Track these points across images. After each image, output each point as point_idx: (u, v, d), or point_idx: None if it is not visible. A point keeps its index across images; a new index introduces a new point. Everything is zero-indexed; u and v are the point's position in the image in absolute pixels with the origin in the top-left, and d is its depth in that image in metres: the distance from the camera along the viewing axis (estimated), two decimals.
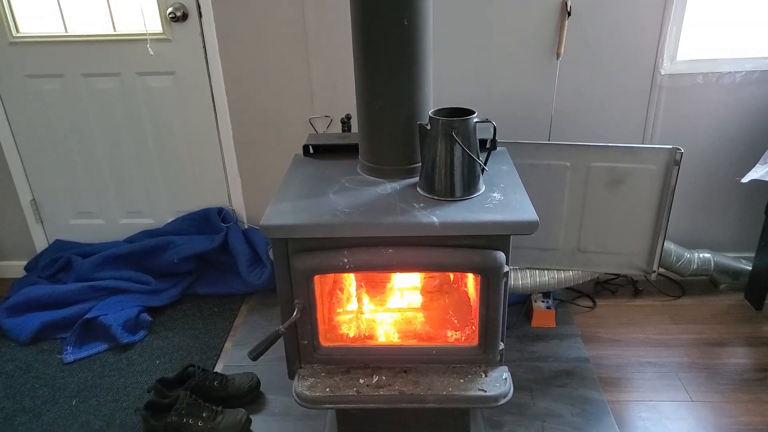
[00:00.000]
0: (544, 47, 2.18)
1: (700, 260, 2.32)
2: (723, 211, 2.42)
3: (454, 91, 2.26)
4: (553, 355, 2.06)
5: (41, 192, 2.63)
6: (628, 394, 1.89)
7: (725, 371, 1.97)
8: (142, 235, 2.61)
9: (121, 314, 2.24)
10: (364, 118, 1.49)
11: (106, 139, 2.52)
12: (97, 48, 2.35)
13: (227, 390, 1.87)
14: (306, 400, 1.43)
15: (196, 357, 2.13)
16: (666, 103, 2.23)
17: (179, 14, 2.26)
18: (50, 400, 1.95)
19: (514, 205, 1.35)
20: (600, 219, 2.01)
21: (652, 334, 2.16)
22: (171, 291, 2.44)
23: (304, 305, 1.39)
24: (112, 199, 2.64)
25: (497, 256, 1.33)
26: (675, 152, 1.86)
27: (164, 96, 2.43)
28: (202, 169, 2.56)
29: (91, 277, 2.42)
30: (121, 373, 2.06)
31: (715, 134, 2.28)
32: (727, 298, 2.36)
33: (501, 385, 1.42)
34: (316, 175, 1.57)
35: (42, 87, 2.43)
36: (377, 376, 1.46)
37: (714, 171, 2.34)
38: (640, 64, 2.19)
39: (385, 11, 1.36)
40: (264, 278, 2.40)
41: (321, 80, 2.31)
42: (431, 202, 1.38)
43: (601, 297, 2.39)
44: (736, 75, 2.17)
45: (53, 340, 2.24)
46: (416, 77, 1.43)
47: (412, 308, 1.66)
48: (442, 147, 1.36)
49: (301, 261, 1.35)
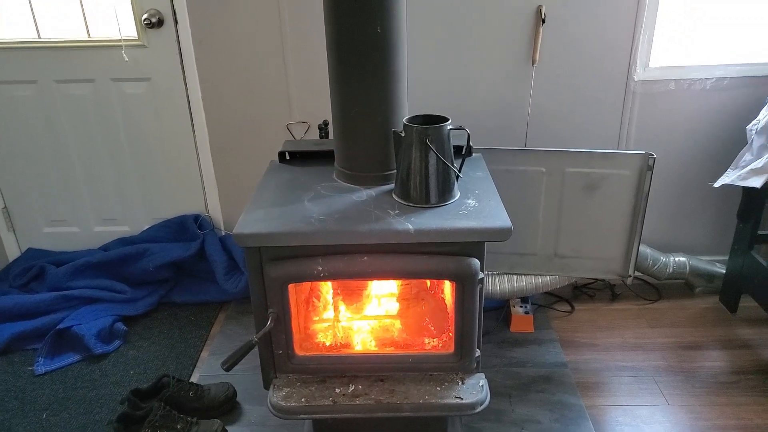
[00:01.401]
0: (520, 54, 2.20)
1: (676, 264, 2.35)
2: (697, 215, 2.45)
3: (429, 99, 2.27)
4: (531, 360, 2.06)
5: (13, 199, 2.58)
6: (605, 398, 1.90)
7: (701, 374, 1.99)
8: (117, 242, 2.57)
9: (95, 324, 2.20)
10: (339, 125, 1.49)
11: (80, 145, 2.48)
12: (71, 54, 2.31)
13: (203, 401, 1.85)
14: (281, 410, 1.41)
15: (171, 367, 2.09)
16: (639, 109, 2.26)
17: (154, 20, 2.23)
18: (19, 414, 1.90)
19: (488, 212, 1.35)
20: (576, 224, 2.03)
21: (629, 338, 2.18)
22: (147, 299, 2.40)
23: (279, 314, 1.37)
24: (86, 207, 2.59)
25: (472, 263, 1.33)
26: (648, 158, 1.88)
27: (140, 102, 2.40)
28: (179, 176, 2.53)
29: (64, 286, 2.38)
30: (95, 384, 2.02)
31: (688, 139, 2.31)
32: (702, 301, 2.39)
33: (477, 393, 1.42)
34: (292, 182, 1.56)
35: (14, 93, 2.39)
36: (353, 385, 1.45)
37: (687, 176, 2.38)
38: (614, 71, 2.21)
39: (358, 19, 1.36)
40: (241, 286, 2.38)
41: (299, 86, 2.30)
42: (406, 209, 1.38)
43: (579, 301, 2.41)
44: (707, 81, 2.20)
45: (24, 352, 2.18)
46: (390, 84, 1.43)
47: (389, 315, 1.65)
48: (416, 154, 1.36)
49: (274, 269, 1.33)
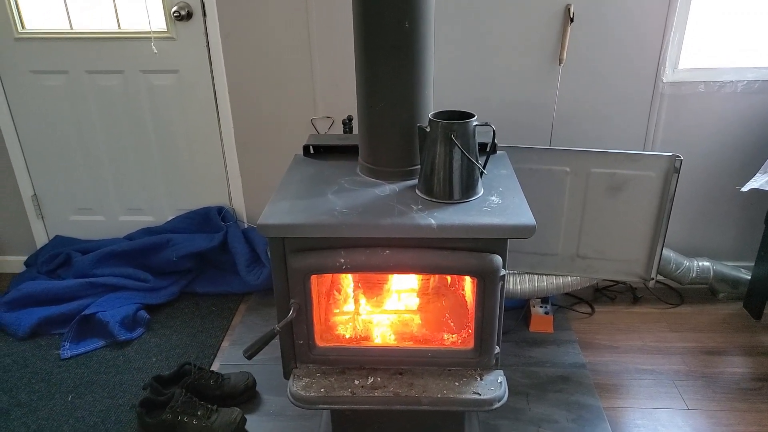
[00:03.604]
0: (547, 53, 2.19)
1: (700, 268, 2.31)
2: (723, 220, 2.41)
3: (454, 95, 2.27)
4: (549, 360, 2.05)
5: (42, 187, 2.64)
6: (624, 400, 1.89)
7: (722, 380, 1.97)
8: (141, 232, 2.62)
9: (119, 311, 2.25)
10: (365, 120, 1.50)
11: (108, 135, 2.53)
12: (101, 45, 2.36)
13: (223, 389, 1.88)
14: (301, 400, 1.43)
15: (192, 355, 2.13)
16: (667, 110, 2.23)
17: (184, 13, 2.27)
18: (46, 396, 1.95)
19: (512, 209, 1.35)
20: (599, 225, 2.01)
21: (649, 342, 2.16)
22: (169, 289, 2.44)
23: (300, 305, 1.39)
24: (112, 196, 2.64)
25: (494, 260, 1.33)
26: (675, 159, 1.86)
27: (167, 94, 2.44)
28: (203, 168, 2.56)
29: (90, 273, 2.43)
30: (118, 369, 2.06)
31: (716, 142, 2.28)
32: (725, 306, 2.36)
33: (496, 389, 1.42)
34: (316, 176, 1.57)
35: (46, 83, 2.44)
36: (372, 378, 1.46)
37: (714, 179, 2.34)
38: (642, 71, 2.19)
39: (386, 14, 1.36)
40: (262, 278, 2.41)
41: (324, 81, 2.32)
42: (429, 204, 1.38)
43: (600, 303, 2.39)
44: (738, 84, 2.17)
45: (51, 336, 2.24)
46: (417, 80, 1.43)
47: (408, 310, 1.66)
48: (441, 150, 1.36)
49: (297, 260, 1.35)
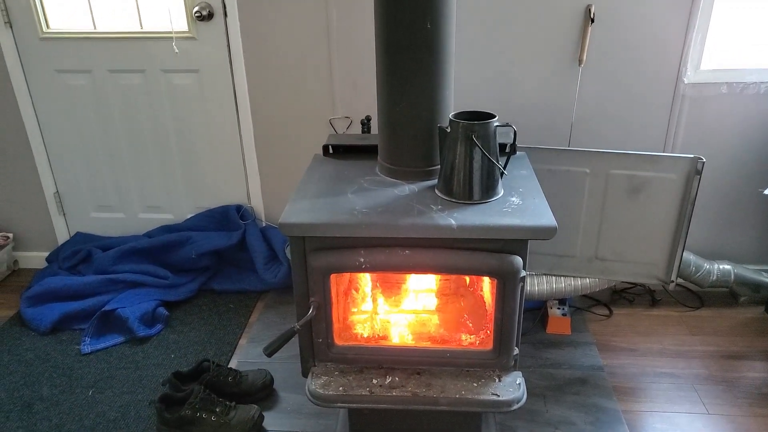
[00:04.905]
0: (567, 53, 2.17)
1: (720, 272, 2.28)
2: (745, 223, 2.38)
3: (475, 96, 2.26)
4: (567, 362, 2.04)
5: (65, 184, 2.68)
6: (642, 404, 1.87)
7: (743, 385, 1.94)
8: (161, 230, 2.65)
9: (139, 308, 2.27)
10: (385, 120, 1.50)
11: (129, 134, 2.56)
12: (124, 45, 2.39)
13: (241, 386, 1.89)
14: (319, 398, 1.43)
15: (211, 352, 2.15)
16: (689, 112, 2.21)
17: (205, 13, 2.29)
18: (67, 390, 1.98)
19: (533, 210, 1.35)
20: (618, 227, 2.00)
21: (669, 345, 2.14)
22: (188, 286, 2.47)
23: (320, 303, 1.40)
24: (132, 194, 2.68)
25: (514, 261, 1.32)
26: (697, 162, 1.84)
27: (187, 93, 2.46)
28: (223, 167, 2.59)
29: (110, 270, 2.46)
30: (137, 365, 2.09)
31: (738, 145, 2.25)
32: (746, 310, 2.33)
33: (514, 390, 1.42)
34: (335, 175, 1.58)
35: (70, 82, 2.48)
36: (390, 377, 1.46)
37: (736, 182, 2.31)
38: (663, 72, 2.17)
39: (408, 15, 1.36)
40: (280, 276, 2.42)
41: (342, 81, 2.33)
42: (449, 205, 1.38)
43: (618, 306, 2.37)
44: (762, 85, 2.14)
45: (72, 331, 2.28)
46: (438, 80, 1.43)
47: (426, 310, 1.66)
48: (461, 150, 1.36)
49: (317, 259, 1.36)
